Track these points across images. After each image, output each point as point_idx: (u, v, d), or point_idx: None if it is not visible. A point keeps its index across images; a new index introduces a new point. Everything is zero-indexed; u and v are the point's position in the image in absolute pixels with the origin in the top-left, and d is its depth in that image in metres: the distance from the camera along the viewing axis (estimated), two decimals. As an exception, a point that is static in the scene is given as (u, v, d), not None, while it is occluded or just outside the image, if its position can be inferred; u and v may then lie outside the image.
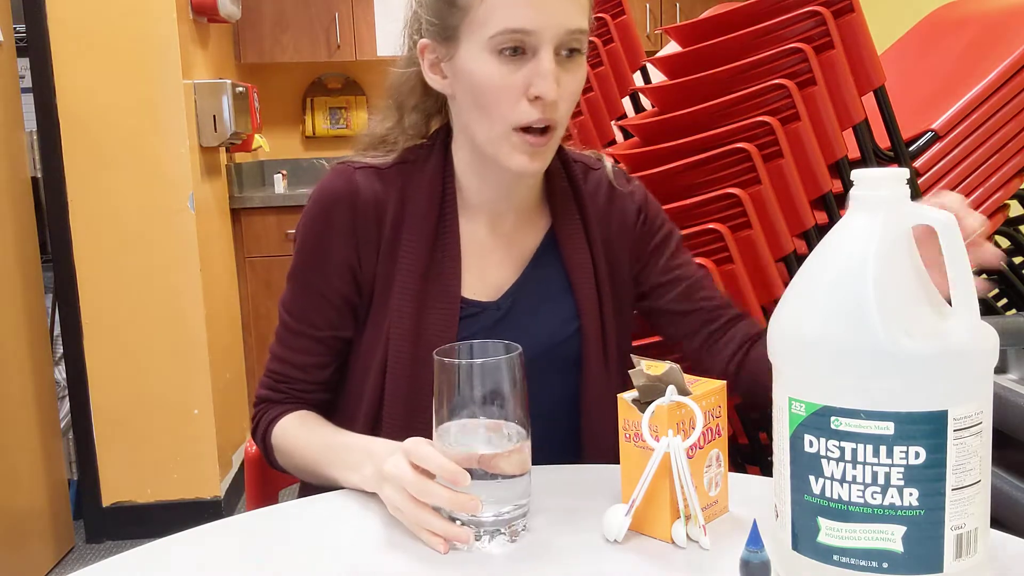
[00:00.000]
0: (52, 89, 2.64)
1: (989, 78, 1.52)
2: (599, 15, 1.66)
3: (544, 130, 0.98)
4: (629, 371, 0.85)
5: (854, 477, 0.65)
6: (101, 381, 2.77)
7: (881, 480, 0.64)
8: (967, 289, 0.65)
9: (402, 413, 1.06)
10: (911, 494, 0.64)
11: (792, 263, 1.42)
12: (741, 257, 1.35)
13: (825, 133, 1.37)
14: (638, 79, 1.81)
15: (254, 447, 1.23)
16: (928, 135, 1.51)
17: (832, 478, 0.66)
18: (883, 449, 0.63)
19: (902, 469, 0.63)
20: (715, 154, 1.34)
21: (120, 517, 2.83)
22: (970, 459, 0.64)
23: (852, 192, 0.68)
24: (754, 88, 1.35)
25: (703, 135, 1.37)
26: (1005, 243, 1.75)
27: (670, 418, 0.81)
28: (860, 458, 0.64)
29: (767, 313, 1.42)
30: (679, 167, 1.36)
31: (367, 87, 4.82)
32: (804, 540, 0.68)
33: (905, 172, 0.68)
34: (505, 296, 1.08)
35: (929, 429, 0.63)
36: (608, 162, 1.16)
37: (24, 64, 2.65)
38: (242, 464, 2.41)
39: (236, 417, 3.19)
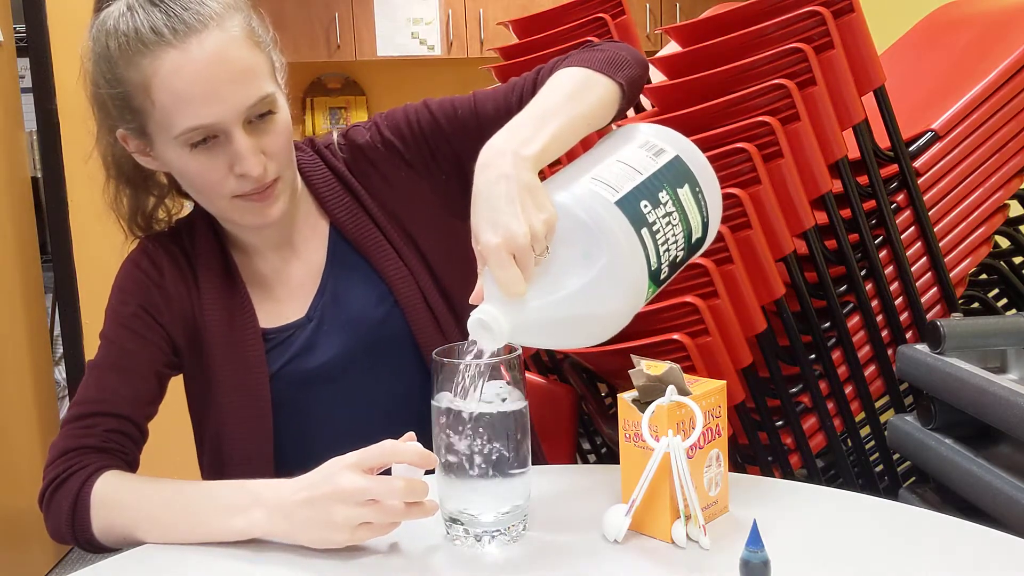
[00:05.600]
0: (52, 89, 2.63)
1: (989, 78, 1.52)
2: (599, 15, 1.65)
3: (265, 187, 0.98)
4: (629, 371, 0.85)
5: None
6: (101, 381, 2.76)
7: None
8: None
9: (244, 457, 1.05)
10: None
11: (792, 263, 1.42)
12: (741, 257, 1.35)
13: (825, 133, 1.37)
14: (638, 79, 1.81)
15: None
16: (928, 135, 1.51)
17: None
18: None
19: None
20: (715, 154, 1.33)
21: (120, 517, 2.82)
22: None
23: None
24: (754, 88, 1.35)
25: (703, 135, 1.37)
26: (1005, 243, 1.75)
27: (670, 418, 0.81)
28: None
29: (767, 313, 1.42)
30: (679, 167, 1.36)
31: (367, 87, 4.82)
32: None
33: None
34: (313, 306, 1.08)
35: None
36: (335, 134, 1.15)
37: (24, 64, 2.64)
38: (242, 464, 2.40)
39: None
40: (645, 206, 0.83)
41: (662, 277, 0.86)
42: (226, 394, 1.05)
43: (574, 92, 0.95)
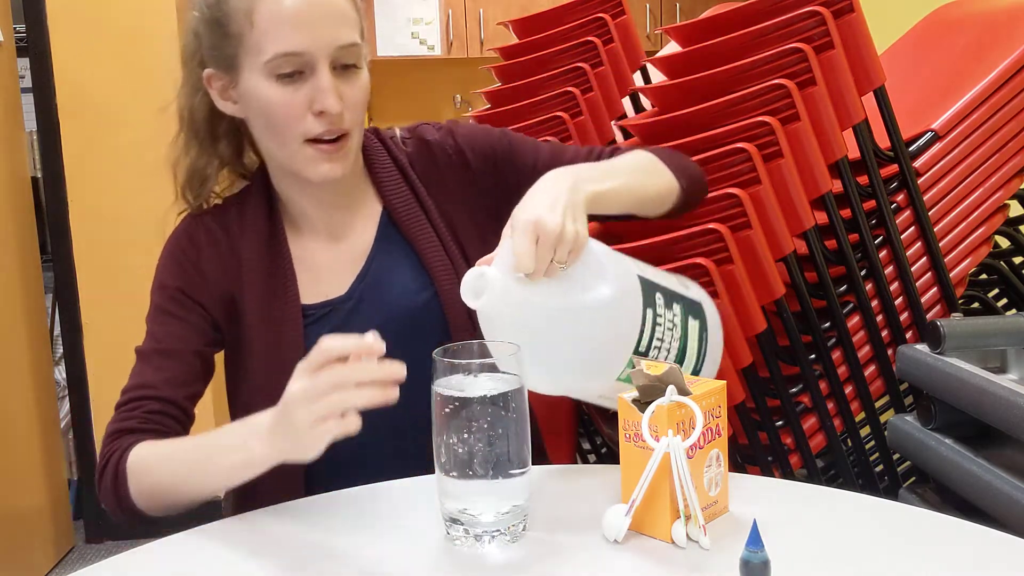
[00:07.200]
0: (52, 89, 2.63)
1: (989, 78, 1.52)
2: (599, 15, 1.65)
3: (337, 139, 1.02)
4: (629, 371, 0.85)
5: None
6: (101, 381, 2.76)
7: None
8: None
9: None
10: None
11: (792, 263, 1.42)
12: (741, 257, 1.35)
13: (825, 133, 1.37)
14: (638, 79, 1.81)
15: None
16: (928, 135, 1.51)
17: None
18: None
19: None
20: (715, 154, 1.33)
21: (120, 517, 2.82)
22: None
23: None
24: (754, 88, 1.35)
25: (703, 135, 1.37)
26: (1005, 243, 1.75)
27: (670, 418, 0.81)
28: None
29: (767, 313, 1.42)
30: (679, 167, 1.36)
31: (367, 87, 4.80)
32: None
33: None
34: (354, 286, 1.11)
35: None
36: (398, 129, 1.19)
37: (24, 64, 2.65)
38: (242, 464, 2.40)
39: (236, 417, 3.18)
40: (659, 298, 0.92)
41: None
42: (260, 370, 1.08)
43: (641, 169, 1.07)
